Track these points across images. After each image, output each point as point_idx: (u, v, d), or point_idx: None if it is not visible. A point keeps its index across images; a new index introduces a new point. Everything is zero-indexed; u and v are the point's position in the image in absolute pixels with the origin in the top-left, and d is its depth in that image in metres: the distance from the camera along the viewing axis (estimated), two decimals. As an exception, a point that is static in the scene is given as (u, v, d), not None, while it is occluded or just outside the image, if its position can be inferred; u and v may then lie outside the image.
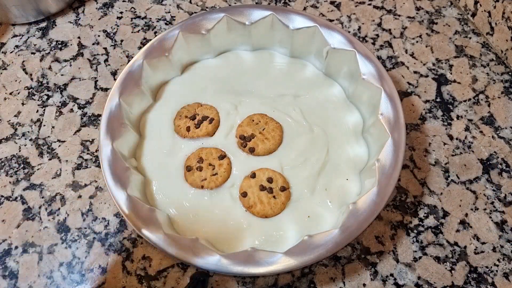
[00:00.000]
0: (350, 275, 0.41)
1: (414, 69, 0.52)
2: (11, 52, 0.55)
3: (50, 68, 0.54)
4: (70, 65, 0.54)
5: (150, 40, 0.48)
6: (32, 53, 0.55)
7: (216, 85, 0.48)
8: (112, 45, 0.55)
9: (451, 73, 0.52)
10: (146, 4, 0.59)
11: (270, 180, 0.41)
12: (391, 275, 0.41)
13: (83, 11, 0.58)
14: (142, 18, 0.57)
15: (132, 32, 0.56)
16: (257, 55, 0.50)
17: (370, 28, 0.56)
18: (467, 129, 0.49)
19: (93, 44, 0.56)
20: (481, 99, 0.50)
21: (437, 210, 0.44)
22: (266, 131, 0.44)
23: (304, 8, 0.57)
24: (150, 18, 0.57)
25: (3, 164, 0.48)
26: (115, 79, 0.53)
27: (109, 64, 0.54)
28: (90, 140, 0.49)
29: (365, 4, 0.58)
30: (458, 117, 0.49)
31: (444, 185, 0.45)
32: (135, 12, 0.58)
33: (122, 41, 0.56)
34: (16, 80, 0.53)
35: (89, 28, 0.57)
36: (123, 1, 0.59)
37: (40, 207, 0.45)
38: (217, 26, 0.46)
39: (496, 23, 0.51)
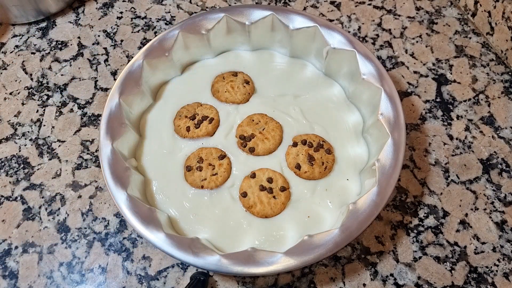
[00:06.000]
0: (350, 275, 0.41)
1: (414, 69, 0.52)
2: (11, 52, 0.55)
3: (50, 68, 0.54)
4: (70, 65, 0.54)
5: (150, 40, 0.48)
6: (32, 53, 0.55)
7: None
8: (112, 45, 0.55)
9: (451, 73, 0.52)
10: (146, 4, 0.59)
11: (270, 180, 0.41)
12: (391, 275, 0.41)
13: (83, 11, 0.58)
14: (142, 18, 0.57)
15: (132, 32, 0.56)
16: (257, 55, 0.50)
17: (370, 28, 0.56)
18: (467, 129, 0.49)
19: (93, 44, 0.56)
20: (481, 99, 0.50)
21: (437, 210, 0.44)
22: (266, 131, 0.44)
23: (304, 8, 0.57)
24: (150, 18, 0.57)
25: (3, 164, 0.48)
26: (115, 79, 0.53)
27: (109, 64, 0.54)
28: (90, 140, 0.49)
29: (365, 4, 0.58)
30: (458, 117, 0.49)
31: (444, 185, 0.45)
32: (135, 12, 0.58)
33: (122, 41, 0.56)
34: (16, 80, 0.53)
35: (89, 28, 0.57)
36: (123, 1, 0.59)
37: (40, 207, 0.45)
38: (217, 26, 0.46)
39: (496, 23, 0.51)
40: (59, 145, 0.49)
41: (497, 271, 0.41)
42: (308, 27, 0.45)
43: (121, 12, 0.58)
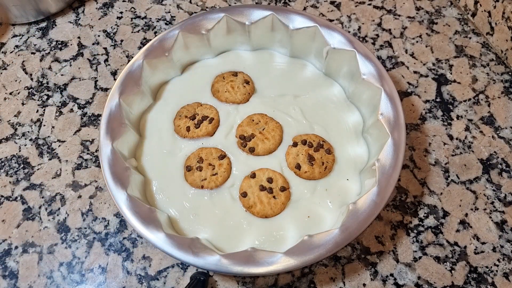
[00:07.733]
0: (350, 275, 0.41)
1: (414, 69, 0.53)
2: (11, 52, 0.56)
3: (50, 68, 0.54)
4: (70, 65, 0.54)
5: (150, 40, 0.48)
6: (32, 53, 0.55)
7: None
8: (112, 45, 0.55)
9: (451, 73, 0.52)
10: (146, 4, 0.59)
11: (270, 180, 0.41)
12: (391, 275, 0.41)
13: (83, 11, 0.58)
14: (142, 18, 0.57)
15: (132, 32, 0.56)
16: (257, 55, 0.50)
17: (370, 28, 0.56)
18: (467, 129, 0.49)
19: (93, 44, 0.56)
20: (481, 99, 0.50)
21: (437, 210, 0.44)
22: (266, 131, 0.44)
23: (304, 8, 0.57)
24: (150, 18, 0.57)
25: (3, 164, 0.48)
26: (115, 79, 0.53)
27: (109, 64, 0.54)
28: (90, 140, 0.49)
29: (365, 4, 0.58)
30: (458, 117, 0.49)
31: (444, 185, 0.45)
32: (135, 12, 0.58)
33: (122, 41, 0.56)
34: (16, 80, 0.53)
35: (89, 28, 0.57)
36: (123, 1, 0.59)
37: (40, 207, 0.45)
38: (217, 26, 0.46)
39: (496, 23, 0.51)
40: (59, 145, 0.49)
41: (497, 271, 0.41)
42: (308, 27, 0.45)
43: (121, 12, 0.58)
